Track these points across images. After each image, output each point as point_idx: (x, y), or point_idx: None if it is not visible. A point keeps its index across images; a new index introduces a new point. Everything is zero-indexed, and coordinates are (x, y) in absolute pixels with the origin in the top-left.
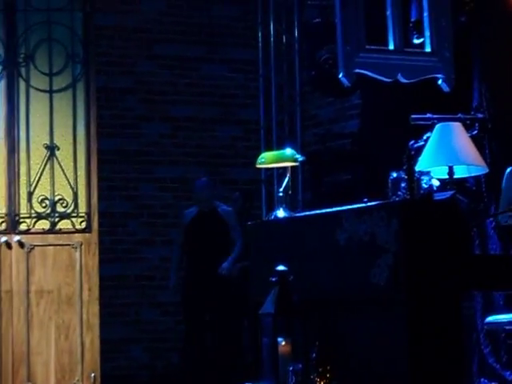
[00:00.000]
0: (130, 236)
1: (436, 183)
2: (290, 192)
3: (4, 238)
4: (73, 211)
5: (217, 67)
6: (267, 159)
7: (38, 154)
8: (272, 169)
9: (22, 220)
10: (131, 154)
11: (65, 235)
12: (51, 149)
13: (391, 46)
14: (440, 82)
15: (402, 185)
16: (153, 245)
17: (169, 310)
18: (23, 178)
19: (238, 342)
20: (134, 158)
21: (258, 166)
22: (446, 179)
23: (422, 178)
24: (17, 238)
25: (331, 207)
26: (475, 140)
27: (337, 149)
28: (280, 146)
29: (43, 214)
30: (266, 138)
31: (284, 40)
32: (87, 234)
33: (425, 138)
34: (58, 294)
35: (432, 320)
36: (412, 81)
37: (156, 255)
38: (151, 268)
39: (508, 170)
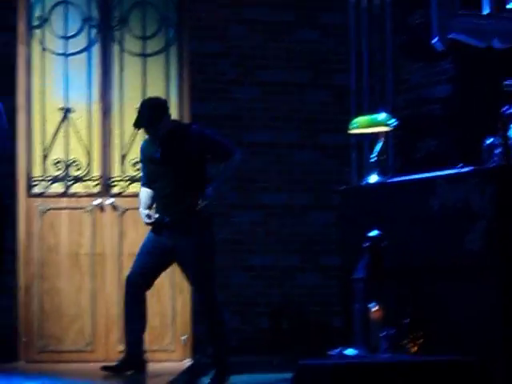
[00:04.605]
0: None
1: None
2: (383, 157)
3: (98, 201)
4: None
5: (308, 32)
6: (360, 124)
7: (131, 117)
8: (362, 134)
9: (115, 183)
10: (222, 118)
11: None
12: None
13: (486, 11)
14: None
15: (496, 151)
16: (244, 209)
17: (260, 274)
18: (116, 142)
19: None
20: (225, 122)
21: (351, 130)
22: None
23: None
24: (110, 200)
25: (423, 173)
26: None
27: (428, 114)
28: (371, 111)
29: (136, 177)
30: (356, 103)
31: (376, 4)
32: None
33: None
34: None
35: None
36: (507, 46)
37: (247, 219)
38: (241, 232)
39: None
